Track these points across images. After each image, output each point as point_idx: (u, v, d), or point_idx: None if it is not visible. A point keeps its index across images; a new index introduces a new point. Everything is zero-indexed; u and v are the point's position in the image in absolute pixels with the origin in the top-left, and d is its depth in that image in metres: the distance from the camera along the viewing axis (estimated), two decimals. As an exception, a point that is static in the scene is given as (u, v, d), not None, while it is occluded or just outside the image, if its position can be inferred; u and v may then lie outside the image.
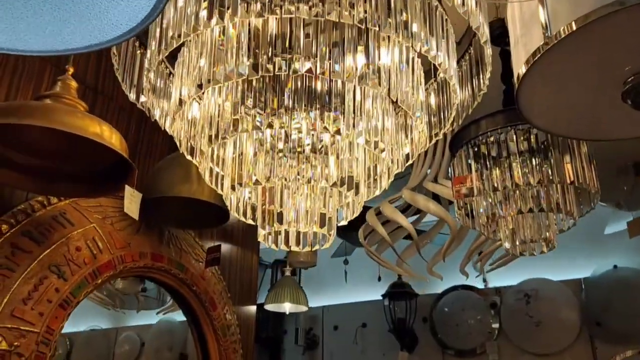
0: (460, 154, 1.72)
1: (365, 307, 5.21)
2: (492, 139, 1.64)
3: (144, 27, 0.92)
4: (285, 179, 1.21)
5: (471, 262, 2.71)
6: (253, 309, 2.83)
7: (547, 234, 1.66)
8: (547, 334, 4.46)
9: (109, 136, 1.38)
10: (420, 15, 1.16)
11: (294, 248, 1.35)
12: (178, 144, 1.38)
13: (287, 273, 4.26)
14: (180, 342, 3.09)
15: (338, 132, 1.14)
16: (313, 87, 1.20)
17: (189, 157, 1.39)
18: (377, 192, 1.34)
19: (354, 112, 1.21)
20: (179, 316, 2.62)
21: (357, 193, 1.25)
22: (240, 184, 1.21)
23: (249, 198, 1.38)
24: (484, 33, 1.21)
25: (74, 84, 1.50)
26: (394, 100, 1.17)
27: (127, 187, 1.41)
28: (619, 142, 1.91)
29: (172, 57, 1.48)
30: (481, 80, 1.41)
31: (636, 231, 2.60)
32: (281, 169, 1.23)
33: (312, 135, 1.24)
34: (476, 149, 1.67)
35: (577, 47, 1.08)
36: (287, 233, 1.32)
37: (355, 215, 1.33)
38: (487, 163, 1.63)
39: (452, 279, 4.16)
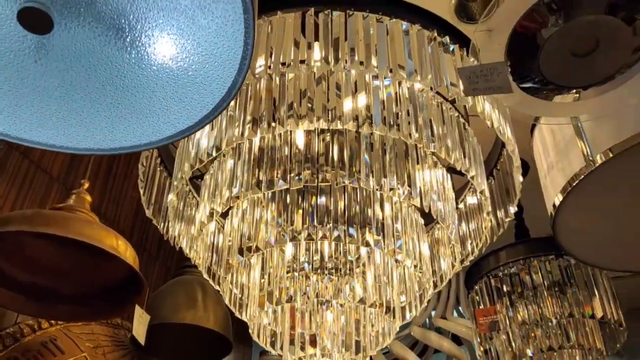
0: (481, 286, 1.67)
1: None
2: (513, 269, 1.61)
3: (201, 127, 0.90)
4: (318, 297, 1.12)
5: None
6: None
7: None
8: None
9: (124, 250, 1.30)
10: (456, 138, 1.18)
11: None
12: (200, 264, 1.30)
13: None
14: None
15: (378, 242, 1.09)
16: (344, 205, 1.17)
17: (209, 280, 1.31)
18: (413, 314, 1.25)
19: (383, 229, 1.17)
20: None
21: (394, 317, 1.17)
22: (271, 303, 1.12)
23: (269, 323, 1.27)
24: (516, 158, 1.24)
25: (88, 198, 1.45)
26: (428, 210, 1.14)
27: (137, 308, 1.29)
28: (632, 281, 1.89)
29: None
30: (508, 207, 1.41)
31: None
32: (312, 287, 1.15)
33: (343, 252, 1.19)
34: (498, 281, 1.63)
35: (617, 171, 1.10)
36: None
37: (388, 342, 1.23)
38: (511, 295, 1.58)
39: None
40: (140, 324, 1.29)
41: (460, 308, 2.16)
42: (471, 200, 1.51)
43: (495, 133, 1.16)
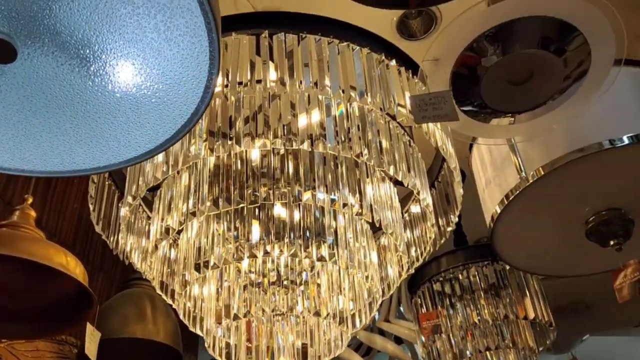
0: (423, 291, 1.75)
1: None
2: (453, 274, 1.70)
3: (161, 151, 0.92)
4: (274, 310, 1.16)
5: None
6: None
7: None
8: None
9: (74, 267, 1.28)
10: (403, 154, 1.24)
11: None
12: (152, 280, 1.30)
13: None
14: None
15: (332, 256, 1.14)
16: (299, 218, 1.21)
17: (162, 295, 1.31)
18: (363, 323, 1.31)
19: (337, 242, 1.22)
20: None
21: (347, 326, 1.22)
22: (228, 317, 1.15)
23: (223, 335, 1.29)
24: (458, 174, 1.32)
25: (33, 213, 1.41)
26: (378, 225, 1.20)
27: (88, 325, 1.28)
28: (558, 282, 2.04)
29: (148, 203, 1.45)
30: (450, 216, 1.50)
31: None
32: (267, 302, 1.18)
33: (297, 265, 1.23)
34: (440, 285, 1.72)
35: (548, 187, 1.20)
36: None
37: (342, 350, 1.28)
38: (452, 299, 1.67)
39: None
40: (91, 342, 1.28)
41: (401, 309, 2.25)
42: (415, 209, 1.58)
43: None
